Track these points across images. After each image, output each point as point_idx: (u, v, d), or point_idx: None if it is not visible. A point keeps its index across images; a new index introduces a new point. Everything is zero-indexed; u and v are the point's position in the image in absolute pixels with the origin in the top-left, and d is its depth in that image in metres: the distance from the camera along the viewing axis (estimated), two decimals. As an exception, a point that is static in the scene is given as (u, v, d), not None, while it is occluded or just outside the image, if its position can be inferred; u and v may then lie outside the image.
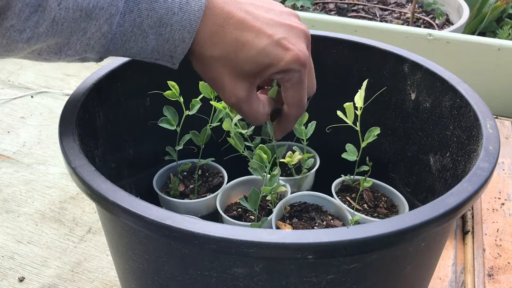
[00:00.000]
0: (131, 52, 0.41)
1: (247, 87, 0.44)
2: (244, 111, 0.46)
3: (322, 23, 1.10)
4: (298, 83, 0.44)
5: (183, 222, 0.32)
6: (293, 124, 0.49)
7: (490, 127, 0.43)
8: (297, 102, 0.46)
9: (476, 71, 1.01)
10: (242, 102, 0.44)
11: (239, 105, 0.45)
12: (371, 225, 0.33)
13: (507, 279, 0.62)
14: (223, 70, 0.43)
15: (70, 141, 0.41)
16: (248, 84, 0.44)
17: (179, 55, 0.42)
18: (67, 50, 0.39)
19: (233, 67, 0.42)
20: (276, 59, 0.42)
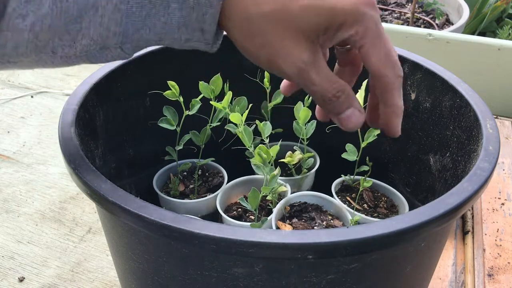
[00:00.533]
0: (155, 32, 0.35)
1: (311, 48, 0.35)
2: (315, 79, 0.35)
3: (322, 23, 1.09)
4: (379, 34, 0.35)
5: (183, 222, 0.32)
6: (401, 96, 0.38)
7: (490, 127, 0.43)
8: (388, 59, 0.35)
9: (476, 71, 1.01)
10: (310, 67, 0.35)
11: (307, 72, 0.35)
12: (371, 225, 0.33)
13: (507, 279, 0.62)
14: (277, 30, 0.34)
15: (70, 141, 0.41)
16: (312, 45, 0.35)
17: (210, 26, 0.35)
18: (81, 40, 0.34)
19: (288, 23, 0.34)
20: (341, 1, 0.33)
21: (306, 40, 0.34)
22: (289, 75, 0.36)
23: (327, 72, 0.36)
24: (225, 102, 0.53)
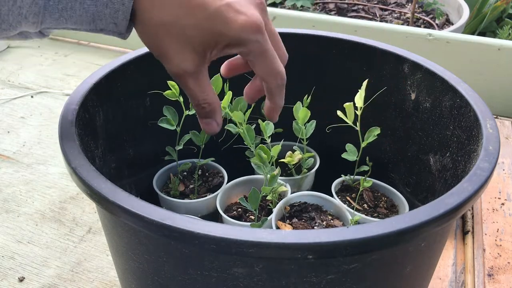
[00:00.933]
0: (71, 21, 0.38)
1: (196, 61, 0.40)
2: (190, 86, 0.41)
3: (322, 23, 1.10)
4: (262, 53, 0.40)
5: (183, 222, 0.32)
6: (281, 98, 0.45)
7: (490, 127, 0.43)
8: (270, 72, 0.42)
9: (476, 71, 1.01)
10: (188, 75, 0.40)
11: (185, 79, 0.40)
12: (371, 225, 0.33)
13: (507, 279, 0.62)
14: (168, 38, 0.39)
15: (70, 141, 0.41)
16: (197, 57, 0.40)
17: (122, 21, 0.39)
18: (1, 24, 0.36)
19: (180, 34, 0.39)
20: (225, 25, 0.38)
21: (192, 51, 0.39)
22: (173, 75, 0.41)
23: (204, 84, 0.41)
24: (225, 102, 0.53)
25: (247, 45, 0.39)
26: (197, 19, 0.38)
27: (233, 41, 0.39)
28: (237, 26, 0.38)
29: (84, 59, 1.18)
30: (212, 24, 0.38)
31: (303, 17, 1.12)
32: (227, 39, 0.39)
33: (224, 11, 0.38)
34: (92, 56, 1.20)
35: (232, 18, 0.38)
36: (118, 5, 0.38)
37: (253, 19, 0.39)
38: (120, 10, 0.38)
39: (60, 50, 1.23)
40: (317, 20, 1.10)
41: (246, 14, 0.39)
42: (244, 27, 0.39)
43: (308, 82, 0.61)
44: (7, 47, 1.23)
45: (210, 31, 0.38)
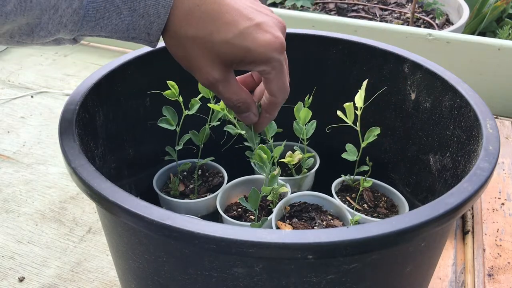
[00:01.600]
0: (106, 30, 0.40)
1: (223, 69, 0.42)
2: (222, 92, 0.44)
3: (322, 23, 1.10)
4: (280, 72, 0.44)
5: (183, 222, 0.32)
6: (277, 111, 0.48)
7: (490, 127, 0.43)
8: (282, 88, 0.45)
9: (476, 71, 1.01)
10: (220, 82, 0.43)
11: (216, 86, 0.43)
12: (371, 225, 0.33)
13: (507, 279, 0.62)
14: (198, 51, 0.41)
15: (70, 141, 0.41)
16: (224, 68, 0.42)
17: (156, 31, 0.41)
18: (40, 31, 0.37)
19: (210, 49, 0.41)
20: (255, 43, 0.41)
21: (220, 63, 0.42)
22: (203, 85, 0.44)
23: (234, 87, 0.44)
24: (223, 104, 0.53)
25: (271, 63, 0.42)
26: (228, 36, 0.40)
27: (258, 58, 0.42)
28: (265, 45, 0.41)
29: (84, 59, 1.18)
30: (242, 41, 0.41)
31: (303, 17, 1.12)
32: (254, 56, 0.41)
33: (253, 31, 0.41)
34: (92, 56, 1.20)
35: (261, 37, 0.41)
36: (154, 17, 0.40)
37: (279, 40, 0.42)
38: (155, 22, 0.40)
39: (60, 50, 1.23)
40: (317, 20, 1.10)
41: (273, 34, 0.41)
42: (271, 46, 0.41)
43: (308, 82, 0.61)
44: (6, 47, 1.23)
45: (239, 47, 0.41)
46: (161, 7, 0.39)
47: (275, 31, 0.42)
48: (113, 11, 0.39)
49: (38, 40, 0.39)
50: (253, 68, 0.43)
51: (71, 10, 0.37)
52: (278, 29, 0.43)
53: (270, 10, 0.45)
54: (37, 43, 0.39)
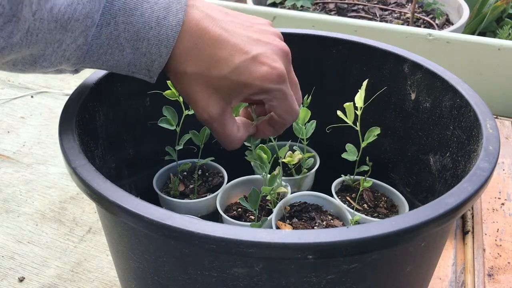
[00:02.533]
0: (107, 65, 0.41)
1: (221, 106, 0.43)
2: (215, 131, 0.45)
3: (322, 23, 1.10)
4: (283, 99, 0.44)
5: (183, 222, 0.32)
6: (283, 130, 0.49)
7: (490, 127, 0.43)
8: (289, 112, 0.45)
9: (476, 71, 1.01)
10: (214, 120, 0.44)
11: (211, 123, 0.44)
12: (371, 225, 0.33)
13: (507, 279, 0.62)
14: (197, 87, 0.42)
15: (70, 141, 0.41)
16: (222, 103, 0.43)
17: (156, 69, 0.42)
18: (42, 62, 0.38)
19: (207, 84, 0.42)
20: (251, 77, 0.41)
21: (218, 99, 0.43)
22: (200, 120, 0.45)
23: (228, 126, 0.45)
24: None
25: (270, 93, 0.43)
26: (224, 71, 0.41)
27: (257, 91, 0.42)
28: (261, 78, 0.41)
29: (84, 59, 1.18)
30: (238, 76, 0.41)
31: (303, 17, 1.12)
32: (252, 89, 0.42)
33: (249, 64, 0.41)
34: (92, 56, 1.20)
35: (256, 71, 0.41)
36: (155, 56, 0.41)
37: (277, 71, 0.42)
38: (157, 60, 0.41)
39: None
40: (317, 20, 1.10)
41: (270, 66, 0.41)
42: (267, 79, 0.41)
43: (308, 82, 0.61)
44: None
45: (236, 82, 0.41)
46: (164, 47, 0.40)
47: (272, 62, 0.42)
48: (116, 48, 0.39)
49: (40, 70, 0.39)
50: (253, 98, 0.44)
51: (75, 45, 0.38)
52: (277, 57, 0.42)
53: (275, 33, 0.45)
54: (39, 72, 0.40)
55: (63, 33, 0.37)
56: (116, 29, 0.39)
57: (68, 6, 0.36)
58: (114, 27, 0.39)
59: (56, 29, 0.36)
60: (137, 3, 0.39)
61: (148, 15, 0.39)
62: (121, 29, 0.39)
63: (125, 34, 0.39)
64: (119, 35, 0.39)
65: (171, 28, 0.40)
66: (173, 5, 0.40)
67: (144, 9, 0.39)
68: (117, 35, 0.39)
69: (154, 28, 0.39)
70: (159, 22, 0.39)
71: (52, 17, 0.36)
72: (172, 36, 0.40)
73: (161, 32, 0.39)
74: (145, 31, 0.39)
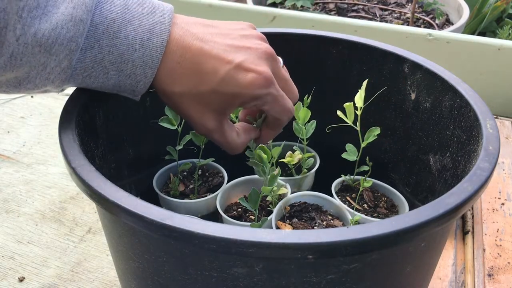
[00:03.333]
0: (92, 86, 0.41)
1: (217, 118, 0.44)
2: (216, 140, 0.46)
3: (322, 23, 1.10)
4: (274, 102, 0.44)
5: (183, 222, 0.32)
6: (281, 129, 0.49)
7: (490, 127, 0.43)
8: (283, 112, 0.46)
9: (476, 71, 1.01)
10: (213, 132, 0.44)
11: (211, 135, 0.45)
12: (371, 225, 0.33)
13: (507, 279, 0.62)
14: (189, 105, 0.42)
15: (70, 141, 0.41)
16: (218, 116, 0.43)
17: (141, 89, 0.42)
18: (27, 84, 0.38)
19: (198, 101, 0.42)
20: (238, 86, 0.41)
21: (213, 112, 0.43)
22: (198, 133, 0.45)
23: (227, 135, 0.46)
24: None
25: (261, 99, 0.43)
26: (212, 85, 0.41)
27: (247, 99, 0.42)
28: (248, 85, 0.41)
29: (84, 59, 1.18)
30: (226, 87, 0.41)
31: (303, 17, 1.12)
32: (242, 98, 0.42)
33: (234, 73, 0.41)
34: (92, 56, 1.20)
35: (242, 79, 0.41)
36: (140, 77, 0.41)
37: (263, 75, 0.41)
38: (142, 81, 0.41)
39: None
40: (317, 20, 1.10)
41: (255, 71, 0.41)
42: (255, 85, 0.41)
43: (308, 82, 0.61)
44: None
45: (225, 94, 0.41)
46: (148, 68, 0.40)
47: (256, 66, 0.42)
48: (100, 70, 0.40)
49: (25, 91, 0.39)
50: (245, 106, 0.44)
51: (60, 69, 0.38)
52: (260, 61, 0.42)
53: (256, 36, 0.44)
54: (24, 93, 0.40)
55: (48, 56, 0.37)
56: (101, 52, 0.39)
57: (52, 30, 0.36)
58: (99, 50, 0.39)
59: (40, 53, 0.36)
60: (121, 26, 0.39)
61: (132, 37, 0.39)
62: (105, 52, 0.39)
63: (109, 57, 0.39)
64: (104, 58, 0.39)
65: (155, 50, 0.40)
66: (157, 26, 0.40)
67: (128, 32, 0.39)
68: (101, 58, 0.39)
69: (139, 50, 0.39)
70: (143, 44, 0.39)
71: (36, 42, 0.36)
72: (157, 57, 0.40)
73: (146, 54, 0.40)
74: (130, 53, 0.39)
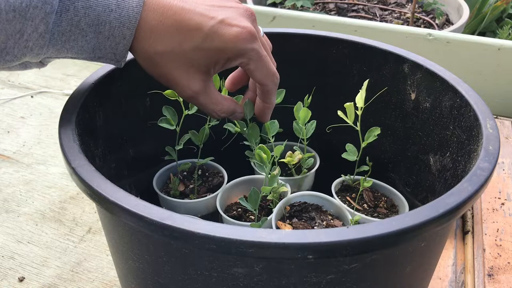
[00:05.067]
0: (72, 51, 0.40)
1: (202, 79, 0.43)
2: (203, 103, 0.44)
3: (322, 23, 1.10)
4: (259, 60, 0.43)
5: (183, 222, 0.32)
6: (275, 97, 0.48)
7: (490, 127, 0.43)
8: (267, 74, 0.45)
9: (476, 71, 1.01)
10: (199, 94, 0.43)
11: (197, 98, 0.44)
12: (371, 225, 0.33)
13: (507, 279, 0.62)
14: (172, 65, 0.42)
15: (70, 141, 0.41)
16: (202, 76, 0.43)
17: (122, 51, 0.41)
18: (5, 56, 0.38)
19: (181, 60, 0.41)
20: (223, 40, 0.41)
21: (196, 72, 0.42)
22: (184, 98, 0.44)
23: (215, 96, 0.45)
24: None
25: (246, 55, 0.42)
26: (196, 42, 0.40)
27: (233, 54, 0.42)
28: (233, 39, 0.41)
29: (84, 59, 1.18)
30: (211, 43, 0.41)
31: (303, 17, 1.12)
32: (227, 53, 0.41)
33: (218, 28, 0.41)
34: (92, 56, 1.20)
35: (228, 33, 0.41)
36: (119, 38, 0.40)
37: (247, 29, 0.41)
38: (121, 43, 0.41)
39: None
40: (317, 20, 1.10)
41: (239, 26, 0.41)
42: (240, 38, 0.41)
43: (308, 82, 0.61)
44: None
45: (210, 50, 0.41)
46: (126, 29, 0.40)
47: (240, 22, 0.42)
48: (78, 33, 0.39)
49: (4, 64, 0.39)
50: (230, 64, 0.43)
51: (37, 34, 0.38)
52: (244, 18, 0.42)
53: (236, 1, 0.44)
54: (3, 67, 0.39)
55: (23, 22, 0.36)
56: (77, 14, 0.38)
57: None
58: (74, 12, 0.38)
59: (16, 18, 0.36)
60: None
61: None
62: (81, 14, 0.39)
63: (86, 19, 0.39)
64: (80, 20, 0.39)
65: (132, 9, 0.39)
66: None
67: None
68: (78, 21, 0.39)
69: (115, 11, 0.39)
70: (119, 5, 0.39)
71: (10, 7, 0.35)
72: (134, 17, 0.40)
73: (122, 14, 0.39)
74: (106, 14, 0.39)
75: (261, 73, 0.44)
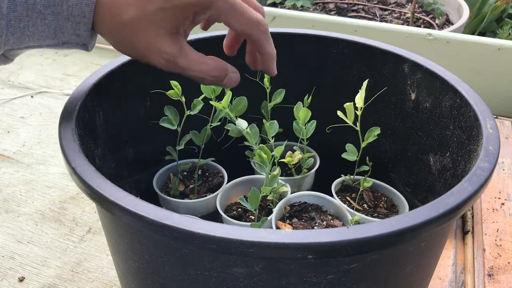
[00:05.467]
0: (34, 38, 0.39)
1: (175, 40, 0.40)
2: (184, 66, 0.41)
3: (322, 23, 1.10)
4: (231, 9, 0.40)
5: (183, 222, 0.32)
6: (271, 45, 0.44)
7: (490, 127, 0.43)
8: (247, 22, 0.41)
9: (476, 71, 1.01)
10: (176, 57, 0.40)
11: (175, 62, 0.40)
12: (371, 225, 0.33)
13: (507, 279, 0.62)
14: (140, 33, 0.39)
15: (70, 141, 0.41)
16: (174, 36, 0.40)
17: (84, 32, 0.40)
18: None
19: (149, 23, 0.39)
20: None
21: (167, 34, 0.39)
22: (161, 67, 0.41)
23: (194, 56, 0.41)
24: (225, 102, 0.53)
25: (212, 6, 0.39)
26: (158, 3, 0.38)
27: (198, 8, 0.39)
28: None
29: (84, 59, 1.18)
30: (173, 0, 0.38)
31: (303, 17, 1.12)
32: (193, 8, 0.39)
33: None
34: (92, 56, 1.20)
35: None
36: (79, 17, 0.39)
37: None
38: (82, 22, 0.39)
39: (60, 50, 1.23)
40: (317, 20, 1.10)
41: None
42: None
43: (308, 82, 0.61)
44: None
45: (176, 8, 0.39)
46: (85, 6, 0.39)
47: None
48: (36, 17, 0.38)
49: None
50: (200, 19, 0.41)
51: None
52: None
53: None
54: None
55: None
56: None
57: None
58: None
59: None
60: None
61: None
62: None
63: (41, 1, 0.38)
64: (35, 2, 0.37)
65: None
66: None
67: None
68: (33, 3, 0.37)
69: None
70: None
71: None
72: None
73: None
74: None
75: (238, 23, 0.41)
